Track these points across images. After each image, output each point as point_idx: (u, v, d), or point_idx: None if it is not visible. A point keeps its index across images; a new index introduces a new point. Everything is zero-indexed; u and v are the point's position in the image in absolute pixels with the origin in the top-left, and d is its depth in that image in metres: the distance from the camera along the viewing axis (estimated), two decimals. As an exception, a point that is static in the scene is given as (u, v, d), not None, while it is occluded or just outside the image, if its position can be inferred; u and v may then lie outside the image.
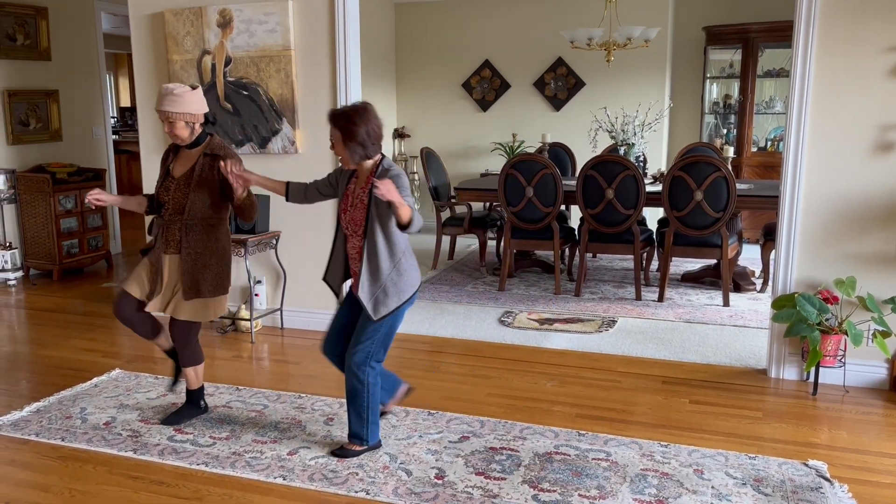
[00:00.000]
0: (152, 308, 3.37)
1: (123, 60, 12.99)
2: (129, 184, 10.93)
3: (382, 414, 3.36)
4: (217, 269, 3.36)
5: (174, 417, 3.51)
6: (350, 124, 2.88)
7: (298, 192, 3.26)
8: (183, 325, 3.38)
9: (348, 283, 3.17)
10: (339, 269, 3.15)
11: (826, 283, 3.88)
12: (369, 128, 2.91)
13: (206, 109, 3.34)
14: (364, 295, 2.95)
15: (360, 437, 3.14)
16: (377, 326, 3.00)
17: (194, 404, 3.56)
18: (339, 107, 2.99)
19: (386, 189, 2.66)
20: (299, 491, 2.89)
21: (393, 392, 3.34)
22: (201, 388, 3.57)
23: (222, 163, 3.16)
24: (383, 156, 3.03)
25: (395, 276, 2.96)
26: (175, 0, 4.90)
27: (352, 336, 3.09)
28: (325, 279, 3.19)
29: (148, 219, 5.24)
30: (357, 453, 3.15)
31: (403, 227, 2.81)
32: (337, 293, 3.20)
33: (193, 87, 3.28)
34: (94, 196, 3.25)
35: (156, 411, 3.63)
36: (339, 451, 3.16)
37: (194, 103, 3.25)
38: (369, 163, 2.99)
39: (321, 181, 3.21)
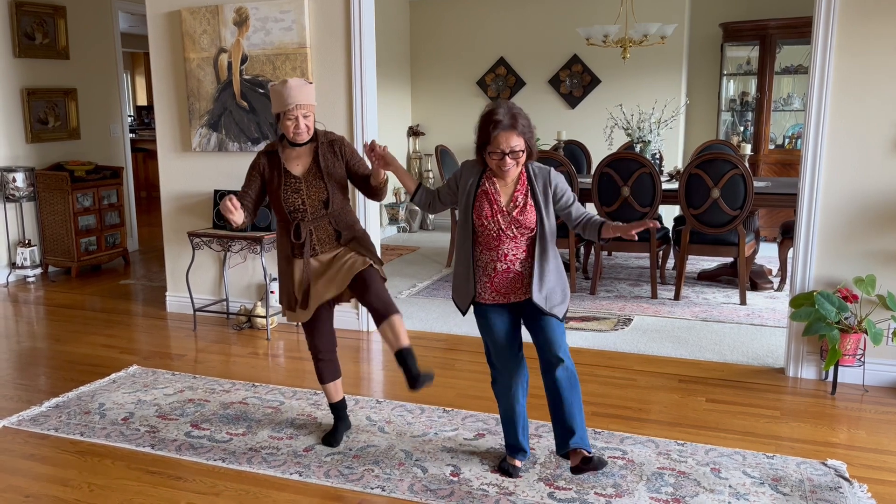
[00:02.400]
0: (332, 295, 3.14)
1: (140, 59, 13.10)
2: (146, 182, 11.02)
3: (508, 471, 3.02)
4: (371, 243, 3.24)
5: (418, 380, 2.95)
6: (530, 129, 2.70)
7: (424, 198, 3.03)
8: (369, 275, 3.08)
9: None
10: (468, 282, 2.85)
11: (845, 281, 3.84)
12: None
13: None
14: (541, 297, 2.77)
15: (585, 439, 2.79)
16: (561, 323, 2.85)
17: (411, 360, 3.02)
18: (492, 115, 2.67)
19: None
20: (315, 487, 2.90)
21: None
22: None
23: (365, 145, 3.02)
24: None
25: (563, 275, 2.86)
26: (192, -2, 4.94)
27: (541, 337, 2.87)
28: (454, 298, 2.94)
29: (165, 215, 5.29)
30: (602, 458, 2.90)
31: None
32: (464, 311, 2.92)
33: (309, 81, 3.09)
34: (235, 204, 2.98)
35: (173, 407, 3.66)
36: (597, 463, 2.77)
37: (314, 96, 3.12)
38: None
39: (443, 190, 2.96)
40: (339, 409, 3.35)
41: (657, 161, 6.07)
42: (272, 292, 4.89)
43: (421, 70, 8.84)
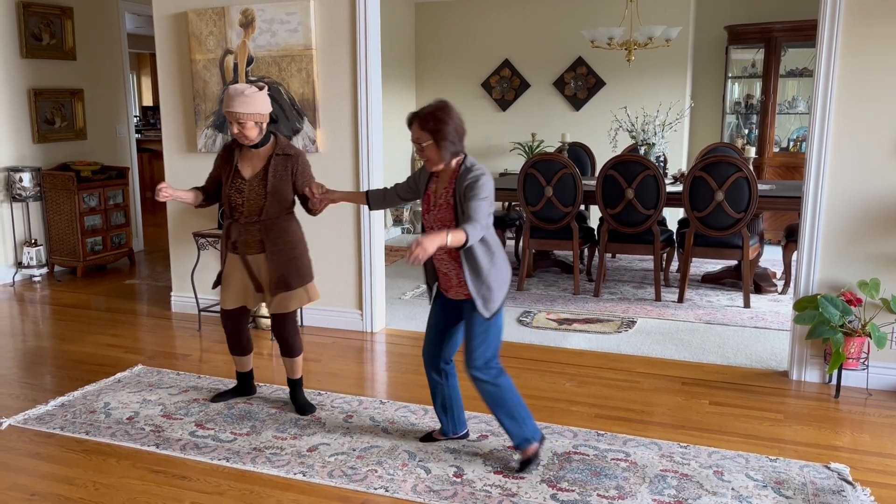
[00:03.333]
0: (251, 305, 3.51)
1: (146, 60, 13.14)
2: (152, 182, 11.04)
3: (429, 438, 3.30)
4: (300, 260, 3.44)
5: (305, 408, 3.59)
6: (441, 124, 2.82)
7: (378, 200, 3.22)
8: (282, 318, 3.48)
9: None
10: (430, 271, 3.06)
11: (849, 284, 3.84)
12: (457, 124, 2.86)
13: (271, 109, 3.35)
14: (476, 293, 2.85)
15: (527, 437, 3.00)
16: (488, 325, 2.89)
17: (299, 390, 3.66)
18: (417, 109, 2.90)
19: (422, 250, 2.53)
20: (319, 487, 2.92)
21: (458, 427, 3.28)
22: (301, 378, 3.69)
23: (307, 189, 3.24)
24: (465, 154, 2.93)
25: (495, 270, 2.88)
26: (198, 0, 4.95)
27: (449, 341, 3.09)
28: (427, 283, 3.12)
29: (171, 214, 5.32)
30: (537, 455, 3.04)
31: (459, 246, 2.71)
32: (432, 295, 3.12)
33: (260, 87, 3.28)
34: (165, 191, 3.34)
35: (178, 406, 3.67)
36: (522, 466, 3.01)
37: (263, 103, 3.27)
38: (453, 162, 2.90)
39: (402, 185, 3.16)
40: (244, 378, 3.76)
41: (661, 164, 6.07)
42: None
43: (426, 71, 8.85)
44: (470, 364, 2.91)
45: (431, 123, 2.83)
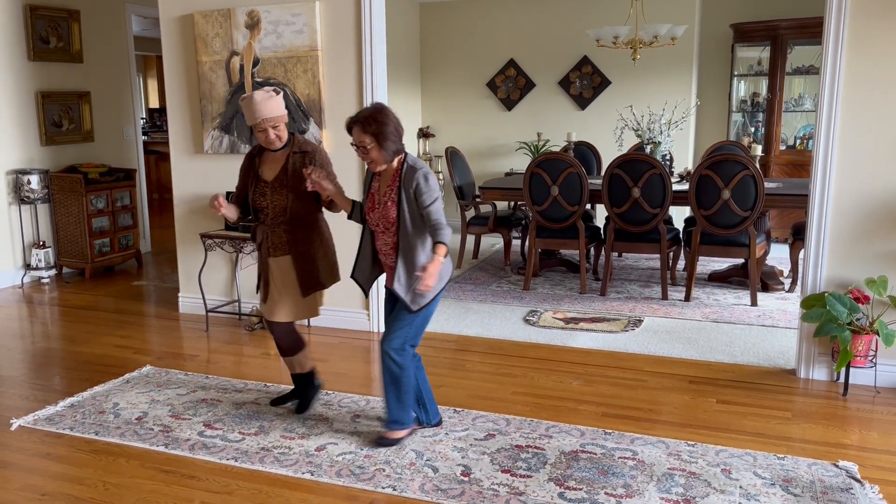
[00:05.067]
0: (266, 313, 3.47)
1: (153, 62, 13.19)
2: (158, 184, 11.10)
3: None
4: (327, 259, 3.45)
5: (304, 405, 3.60)
6: (381, 126, 2.93)
7: (358, 214, 3.25)
8: (289, 323, 3.48)
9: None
10: (368, 265, 3.21)
11: (857, 282, 3.83)
12: (395, 125, 2.98)
13: None
14: (401, 288, 3.02)
15: (403, 421, 3.22)
16: (413, 316, 3.08)
17: (312, 384, 3.66)
18: (355, 114, 3.01)
19: (431, 278, 2.85)
20: (327, 486, 2.93)
21: (431, 417, 3.41)
22: (313, 369, 3.69)
23: (305, 170, 3.20)
24: (406, 153, 3.07)
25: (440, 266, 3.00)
26: (204, 2, 4.98)
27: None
28: (353, 276, 3.24)
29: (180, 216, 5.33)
30: (400, 440, 3.23)
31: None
32: (366, 290, 3.27)
33: (276, 91, 3.32)
34: (221, 204, 3.29)
35: (186, 406, 3.69)
36: (382, 441, 3.22)
37: (283, 106, 3.32)
38: (395, 161, 3.04)
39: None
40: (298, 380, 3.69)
41: (667, 162, 6.06)
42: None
43: (431, 72, 8.86)
44: (387, 342, 3.09)
45: (373, 126, 2.93)
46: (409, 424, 3.25)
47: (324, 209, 3.46)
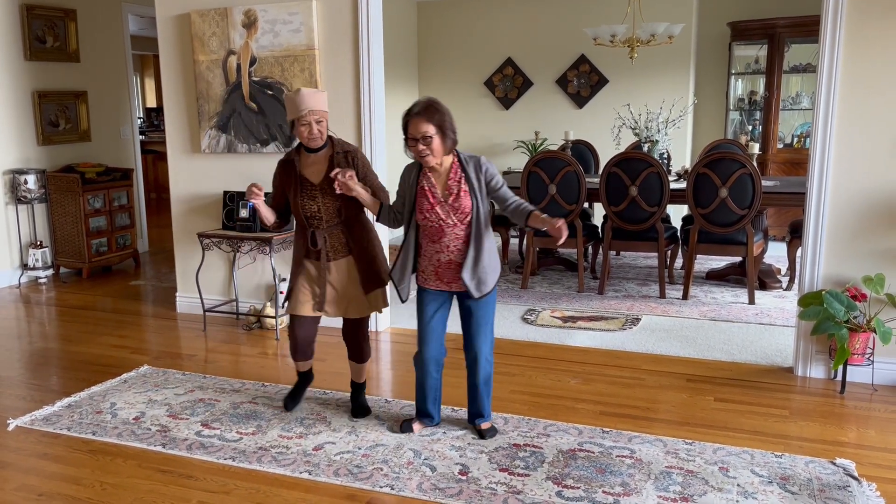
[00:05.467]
0: (332, 314, 3.43)
1: (149, 62, 13.18)
2: (156, 183, 11.09)
3: (409, 428, 3.38)
4: (381, 255, 3.44)
5: (362, 410, 3.58)
6: (443, 115, 2.93)
7: (387, 216, 3.22)
8: (363, 320, 3.48)
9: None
10: (409, 268, 3.15)
11: (854, 280, 3.84)
12: (451, 116, 2.98)
13: None
14: (469, 275, 3.02)
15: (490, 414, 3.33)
16: (490, 308, 3.14)
17: (361, 394, 3.65)
18: (410, 107, 2.95)
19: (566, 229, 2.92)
20: (325, 486, 2.92)
21: (438, 417, 3.44)
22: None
23: (332, 173, 3.16)
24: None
25: (496, 254, 3.14)
26: (201, 1, 4.97)
27: (444, 332, 3.24)
28: (394, 280, 3.18)
29: (177, 218, 5.33)
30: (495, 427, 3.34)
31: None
32: (405, 294, 3.17)
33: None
34: (258, 193, 3.24)
35: (183, 406, 3.69)
36: (490, 432, 3.28)
37: (327, 103, 3.28)
38: (449, 155, 3.04)
39: (396, 203, 3.18)
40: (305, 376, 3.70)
41: (665, 160, 6.06)
42: (281, 293, 4.92)
43: (428, 70, 8.86)
44: (479, 350, 3.17)
45: (436, 116, 2.91)
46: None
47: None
